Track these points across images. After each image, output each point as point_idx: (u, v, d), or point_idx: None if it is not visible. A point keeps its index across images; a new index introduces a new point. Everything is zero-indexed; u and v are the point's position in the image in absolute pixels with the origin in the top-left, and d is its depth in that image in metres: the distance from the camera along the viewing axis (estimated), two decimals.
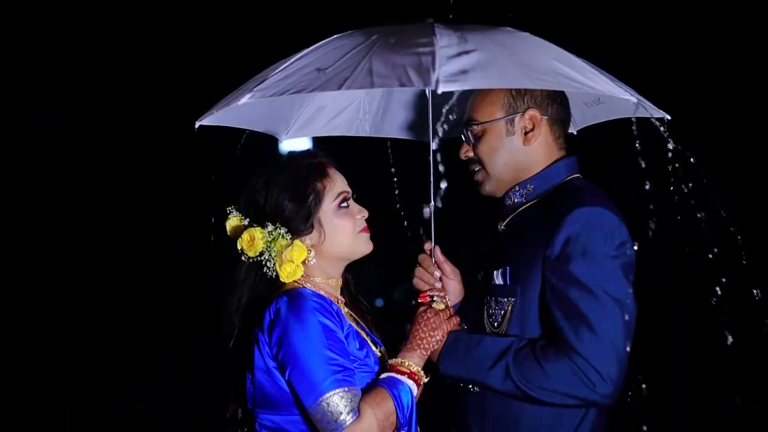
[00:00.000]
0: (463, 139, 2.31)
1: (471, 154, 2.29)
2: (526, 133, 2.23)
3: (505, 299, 2.16)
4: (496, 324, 2.17)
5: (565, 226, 2.05)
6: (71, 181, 6.13)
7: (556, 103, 2.24)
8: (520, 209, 2.25)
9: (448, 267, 2.32)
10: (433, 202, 2.27)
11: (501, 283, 2.18)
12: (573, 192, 2.15)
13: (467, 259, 2.42)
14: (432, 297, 2.28)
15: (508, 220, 2.28)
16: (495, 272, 2.20)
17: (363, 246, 2.23)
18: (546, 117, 2.23)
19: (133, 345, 6.17)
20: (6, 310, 5.99)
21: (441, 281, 2.31)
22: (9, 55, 5.82)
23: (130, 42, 5.98)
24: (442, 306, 2.25)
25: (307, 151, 2.28)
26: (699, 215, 2.27)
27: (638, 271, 2.10)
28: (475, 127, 2.26)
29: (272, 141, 2.77)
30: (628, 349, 2.02)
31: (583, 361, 1.98)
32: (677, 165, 2.12)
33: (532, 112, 2.21)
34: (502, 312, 2.16)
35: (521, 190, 2.25)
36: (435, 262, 2.31)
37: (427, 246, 2.34)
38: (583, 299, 2.00)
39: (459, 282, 2.35)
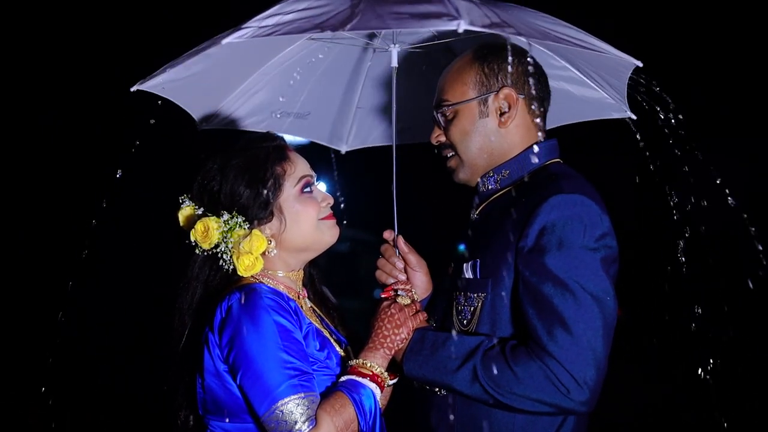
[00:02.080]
0: (434, 122, 2.08)
1: (443, 138, 2.06)
2: (501, 114, 1.99)
3: (475, 294, 1.91)
4: (465, 321, 1.93)
5: (540, 214, 1.79)
6: (71, 181, 5.95)
7: (533, 81, 1.99)
8: (495, 196, 2.01)
9: (412, 257, 2.10)
10: (394, 189, 2.03)
11: (471, 276, 1.93)
12: (550, 178, 1.90)
13: (438, 250, 2.17)
14: (396, 291, 2.03)
15: (481, 208, 2.04)
16: (465, 265, 1.96)
17: (327, 234, 1.99)
18: (522, 96, 1.99)
19: (133, 345, 5.99)
20: (6, 310, 5.83)
21: (406, 273, 2.09)
22: (9, 55, 5.67)
23: (130, 42, 5.81)
24: (408, 301, 2.02)
25: (266, 133, 2.03)
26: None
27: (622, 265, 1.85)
28: (446, 108, 2.03)
29: None
30: (606, 351, 1.76)
31: (556, 365, 1.72)
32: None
33: (506, 91, 1.98)
34: (472, 308, 1.91)
35: (496, 176, 2.01)
36: (398, 252, 2.09)
37: (388, 235, 2.10)
38: (558, 296, 1.75)
39: (426, 274, 2.13)
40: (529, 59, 1.99)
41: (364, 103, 2.65)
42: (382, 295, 2.05)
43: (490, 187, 2.01)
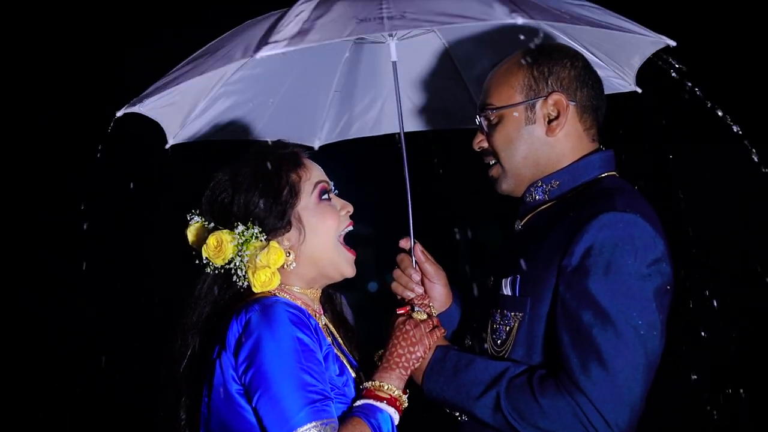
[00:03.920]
0: (478, 126, 1.89)
1: (485, 144, 1.87)
2: (549, 122, 1.80)
3: (512, 313, 1.72)
4: (499, 342, 1.74)
5: (588, 232, 1.60)
6: (71, 180, 5.79)
7: (586, 87, 1.80)
8: (542, 208, 1.81)
9: (430, 268, 1.91)
10: (409, 193, 1.87)
11: (509, 293, 1.74)
12: (603, 192, 1.70)
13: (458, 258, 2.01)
14: (412, 307, 1.85)
15: (526, 219, 1.84)
16: (504, 280, 1.77)
17: (344, 264, 1.81)
18: (573, 103, 1.79)
19: (134, 345, 5.85)
20: (6, 310, 5.68)
21: (423, 285, 1.90)
22: (9, 54, 5.51)
23: (130, 42, 5.66)
24: (424, 316, 1.83)
25: (277, 141, 1.87)
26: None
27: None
28: (490, 112, 1.83)
29: None
30: (644, 391, 1.57)
31: (587, 402, 1.54)
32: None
33: (556, 96, 1.78)
34: (507, 328, 1.72)
35: (544, 186, 1.81)
36: (415, 262, 1.90)
37: (404, 243, 1.92)
38: (598, 326, 1.55)
39: (444, 285, 1.93)
40: (583, 63, 1.82)
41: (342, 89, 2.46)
42: (398, 311, 1.86)
43: (537, 197, 1.82)
